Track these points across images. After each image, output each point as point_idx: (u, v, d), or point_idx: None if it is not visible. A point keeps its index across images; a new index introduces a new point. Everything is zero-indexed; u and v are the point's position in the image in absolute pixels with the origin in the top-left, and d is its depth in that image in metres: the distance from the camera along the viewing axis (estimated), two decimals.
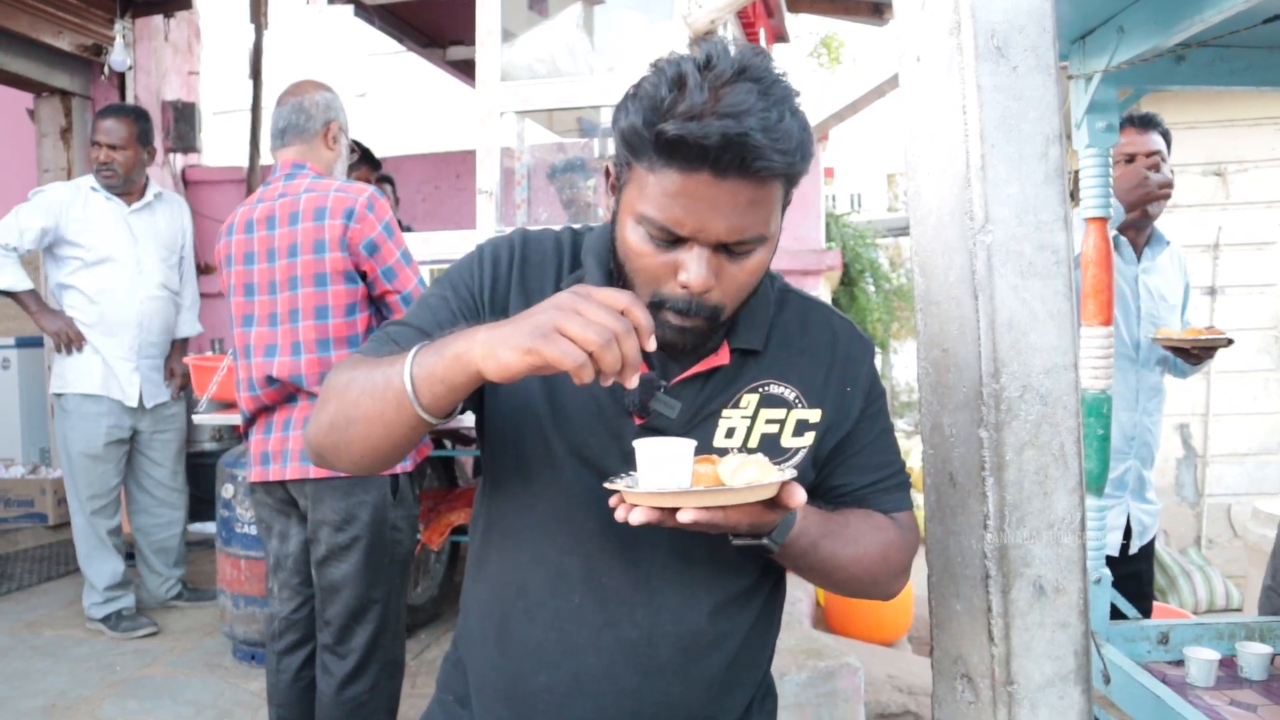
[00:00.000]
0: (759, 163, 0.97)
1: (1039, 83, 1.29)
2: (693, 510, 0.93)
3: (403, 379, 0.97)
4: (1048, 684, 1.32)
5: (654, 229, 1.02)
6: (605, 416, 1.12)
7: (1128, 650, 1.97)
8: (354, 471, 1.12)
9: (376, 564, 2.31)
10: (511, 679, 1.17)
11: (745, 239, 1.02)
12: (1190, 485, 5.57)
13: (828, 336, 1.23)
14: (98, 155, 3.64)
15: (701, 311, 1.05)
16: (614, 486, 0.99)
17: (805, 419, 1.16)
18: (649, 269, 1.04)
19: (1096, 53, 1.81)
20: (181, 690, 3.12)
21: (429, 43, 4.96)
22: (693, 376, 1.13)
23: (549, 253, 1.19)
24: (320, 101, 2.45)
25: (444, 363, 0.95)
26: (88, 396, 3.62)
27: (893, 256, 10.68)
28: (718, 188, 0.98)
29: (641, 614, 1.13)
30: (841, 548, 1.13)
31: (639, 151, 1.01)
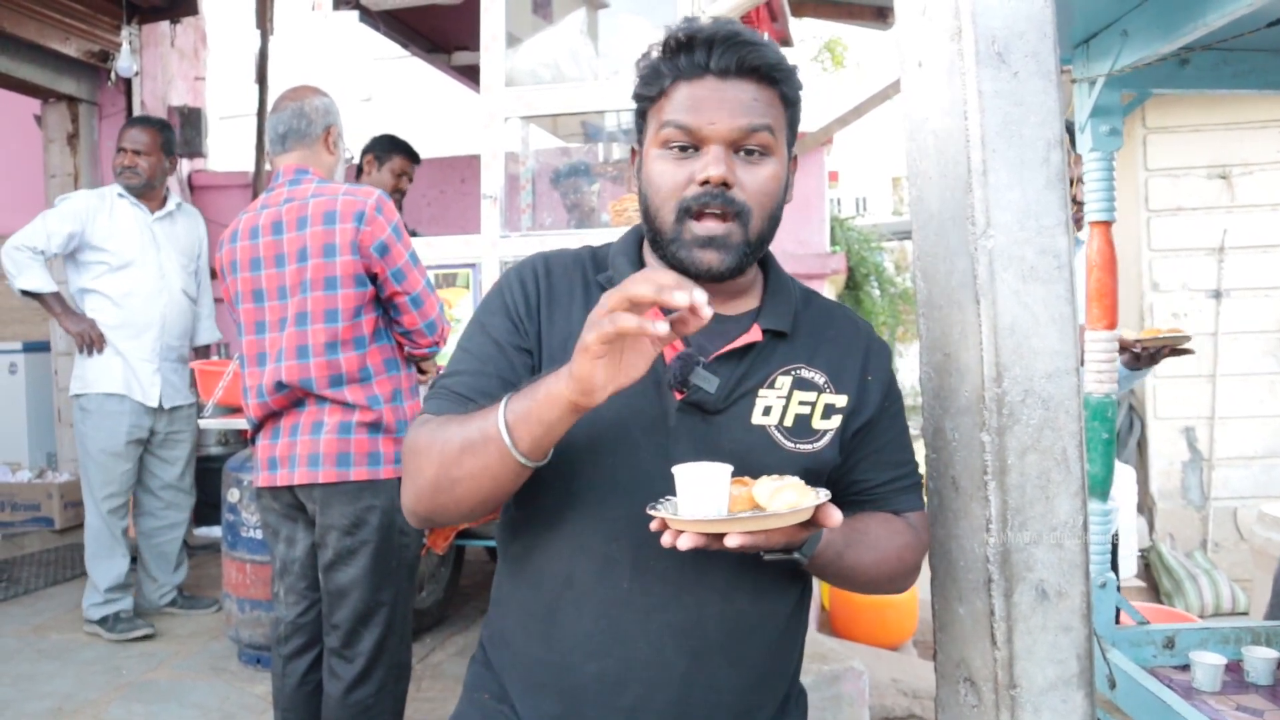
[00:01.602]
0: (752, 56, 1.13)
1: (1040, 88, 1.29)
2: (739, 536, 0.98)
3: (499, 431, 1.04)
4: (1050, 688, 1.32)
5: (671, 132, 1.14)
6: (648, 395, 1.16)
7: (1133, 654, 1.97)
8: (465, 521, 1.19)
9: (384, 568, 2.32)
10: (560, 671, 1.19)
11: (752, 129, 1.13)
12: (1196, 488, 5.56)
13: (851, 329, 1.31)
14: (122, 160, 3.76)
15: (730, 206, 1.14)
16: (657, 513, 1.03)
17: (833, 403, 1.23)
18: (672, 181, 1.15)
19: (1100, 57, 1.82)
20: (187, 694, 3.13)
21: (434, 48, 4.97)
22: (728, 353, 1.19)
23: (571, 264, 1.26)
24: (320, 106, 2.46)
25: (537, 405, 1.03)
26: (110, 396, 3.70)
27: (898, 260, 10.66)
28: (721, 87, 1.13)
29: (689, 596, 1.16)
30: (863, 555, 1.20)
31: (653, 86, 1.17)
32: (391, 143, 4.06)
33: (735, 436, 1.17)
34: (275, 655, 2.48)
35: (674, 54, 1.16)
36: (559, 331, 1.20)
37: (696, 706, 1.18)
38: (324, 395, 2.29)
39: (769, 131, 1.15)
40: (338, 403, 2.29)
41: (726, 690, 1.19)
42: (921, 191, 1.40)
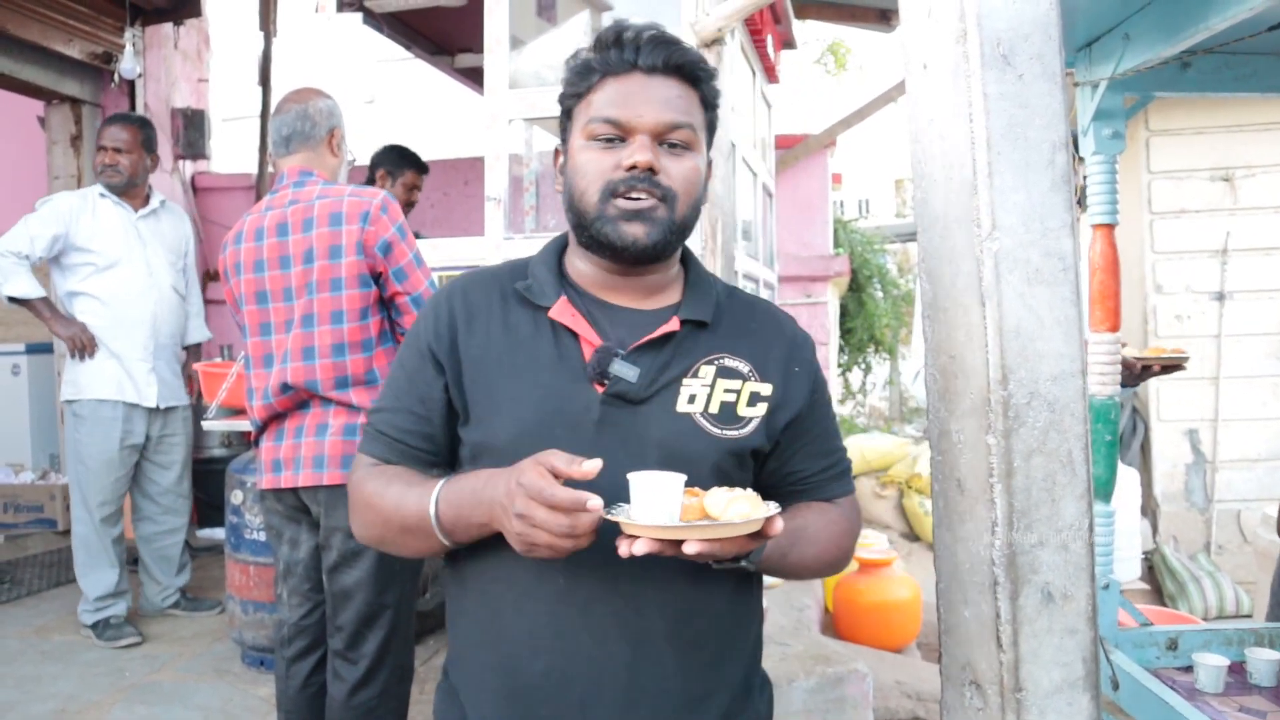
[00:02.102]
0: (676, 55, 1.21)
1: (1045, 90, 1.30)
2: (696, 543, 1.02)
3: (436, 531, 1.16)
4: (1056, 690, 1.32)
5: (598, 126, 1.20)
6: (569, 392, 1.20)
7: (1136, 656, 1.97)
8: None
9: (388, 570, 2.32)
10: (509, 674, 1.21)
11: (676, 124, 1.20)
12: (1199, 491, 5.56)
13: (773, 322, 1.33)
14: (103, 158, 3.69)
15: (656, 189, 1.19)
16: (612, 518, 1.05)
17: (758, 391, 1.25)
18: (599, 167, 1.20)
19: (1102, 60, 1.82)
20: (190, 695, 3.13)
21: (437, 50, 4.98)
22: (647, 344, 1.22)
23: (488, 280, 1.30)
24: (323, 108, 2.46)
25: (468, 514, 1.14)
26: (103, 402, 3.62)
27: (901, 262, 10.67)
28: (647, 83, 1.20)
29: (626, 586, 1.18)
30: (805, 550, 1.24)
31: (582, 82, 1.22)
32: (401, 156, 4.06)
33: (661, 425, 1.20)
34: (279, 657, 2.48)
35: (604, 51, 1.22)
36: (477, 343, 1.25)
37: (645, 694, 1.19)
38: (329, 397, 2.29)
39: (691, 129, 1.21)
40: (343, 405, 2.30)
41: (673, 675, 1.21)
42: (926, 194, 1.40)
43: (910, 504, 6.87)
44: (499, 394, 1.21)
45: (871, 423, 10.37)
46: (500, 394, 1.21)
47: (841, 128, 5.73)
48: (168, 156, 5.88)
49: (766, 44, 3.81)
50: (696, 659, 1.22)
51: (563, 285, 1.27)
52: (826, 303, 5.69)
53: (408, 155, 4.08)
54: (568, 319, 1.22)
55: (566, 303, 1.23)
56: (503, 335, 1.24)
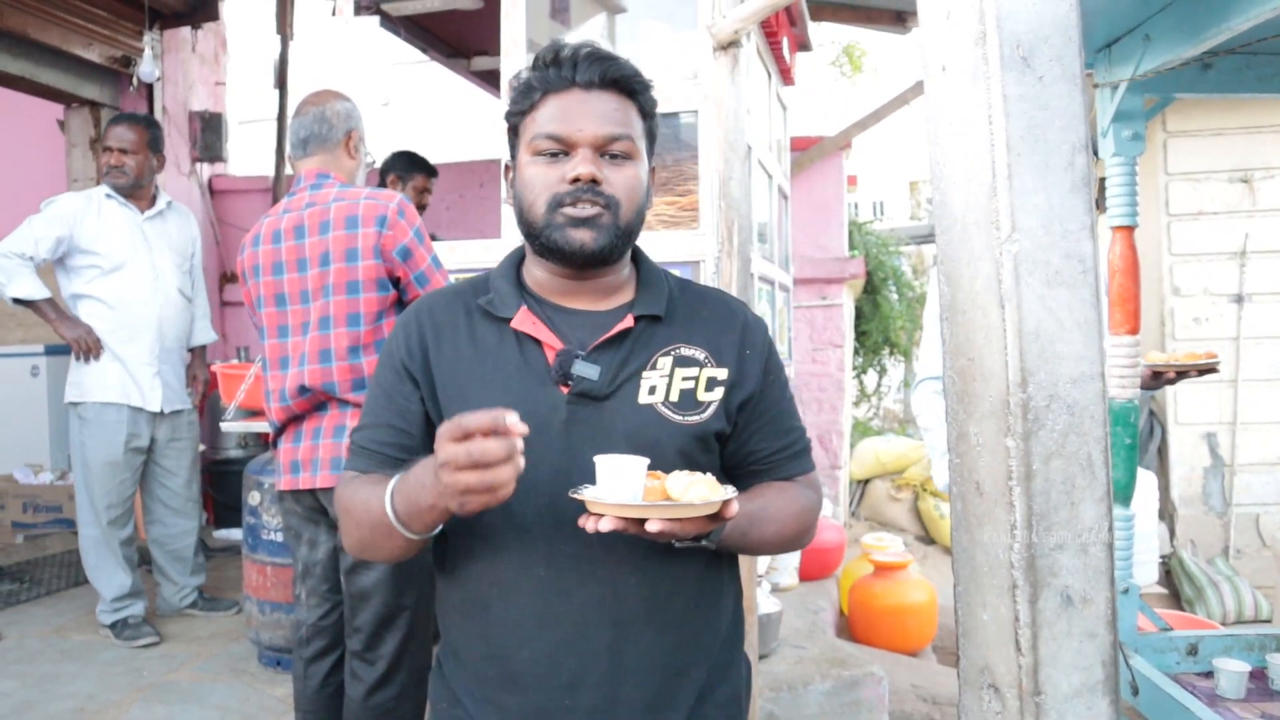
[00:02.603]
0: (612, 69, 1.27)
1: (1064, 92, 1.29)
2: (659, 521, 1.10)
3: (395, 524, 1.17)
4: (1075, 695, 1.31)
5: (542, 142, 1.26)
6: (537, 396, 1.27)
7: (1156, 661, 1.96)
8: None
9: (406, 571, 2.32)
10: (498, 662, 1.28)
11: (615, 136, 1.26)
12: (1218, 494, 5.52)
13: (725, 309, 1.40)
14: (108, 159, 3.67)
15: (599, 198, 1.25)
16: (579, 495, 1.13)
17: (714, 376, 1.32)
18: (544, 180, 1.26)
19: (1122, 61, 1.81)
20: (208, 695, 3.15)
21: (453, 53, 4.99)
22: (605, 343, 1.29)
23: (451, 297, 1.38)
24: (341, 111, 2.47)
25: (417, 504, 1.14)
26: (107, 405, 3.62)
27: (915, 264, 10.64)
28: (586, 98, 1.26)
29: (603, 571, 1.25)
30: (766, 529, 1.31)
31: (525, 100, 1.28)
32: (411, 161, 4.09)
33: (626, 417, 1.27)
34: (297, 658, 2.49)
35: (544, 69, 1.28)
36: (447, 358, 1.32)
37: (629, 671, 1.27)
38: (346, 399, 2.30)
39: (630, 140, 1.28)
40: (359, 406, 2.31)
41: (655, 652, 1.28)
42: (945, 196, 1.40)
43: (925, 507, 6.85)
44: (471, 403, 1.22)
45: (886, 425, 10.34)
46: (472, 403, 1.22)
47: (857, 130, 5.72)
48: (185, 159, 5.92)
49: (782, 46, 3.81)
50: (674, 636, 1.30)
51: (522, 295, 1.34)
52: (842, 305, 5.68)
53: (416, 160, 4.10)
54: (529, 327, 1.29)
55: (527, 311, 1.30)
56: (470, 348, 1.31)
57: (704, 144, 2.80)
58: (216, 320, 5.80)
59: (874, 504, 7.07)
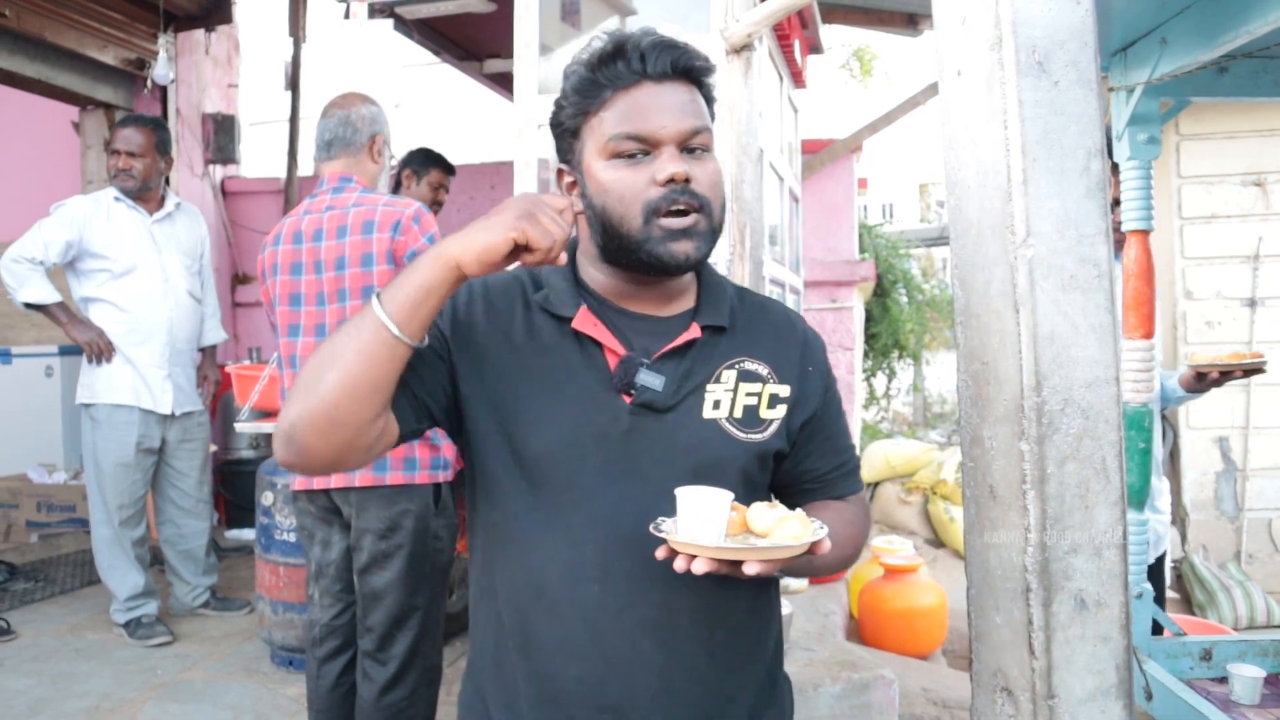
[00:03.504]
0: (683, 58, 1.19)
1: (1080, 97, 1.29)
2: (757, 564, 1.03)
3: (374, 310, 1.09)
4: (1089, 698, 1.31)
5: (624, 142, 1.17)
6: (597, 402, 1.20)
7: (1170, 666, 1.96)
8: (328, 452, 1.12)
9: (418, 572, 2.34)
10: (541, 680, 1.21)
11: (697, 130, 1.19)
12: (1230, 499, 5.49)
13: (786, 323, 1.34)
14: (116, 162, 3.67)
15: (694, 200, 1.17)
16: (662, 534, 1.07)
17: (777, 393, 1.26)
18: (630, 187, 1.17)
19: (1138, 65, 1.81)
20: (221, 695, 3.16)
21: (466, 56, 5.01)
22: (670, 352, 1.22)
23: (511, 284, 1.29)
24: (366, 115, 2.48)
25: (419, 273, 1.09)
26: (118, 406, 3.64)
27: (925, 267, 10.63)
28: (659, 91, 1.18)
29: (657, 593, 1.18)
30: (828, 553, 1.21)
31: (590, 99, 1.19)
32: (427, 156, 4.09)
33: (690, 431, 1.20)
34: (310, 657, 2.50)
35: (607, 65, 1.19)
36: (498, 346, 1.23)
37: (679, 695, 1.20)
38: None
39: (709, 131, 1.21)
40: None
41: (706, 677, 1.22)
42: (960, 200, 1.40)
43: (935, 510, 6.83)
44: (524, 401, 1.21)
45: (896, 428, 10.32)
46: (525, 400, 1.21)
47: (868, 133, 5.72)
48: (198, 161, 5.95)
49: (794, 49, 3.81)
50: (726, 658, 1.24)
51: (580, 294, 1.25)
52: (852, 308, 5.67)
53: (433, 155, 4.10)
54: (590, 329, 1.21)
55: (587, 312, 1.23)
56: (527, 341, 1.23)
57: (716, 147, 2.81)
58: (228, 321, 5.82)
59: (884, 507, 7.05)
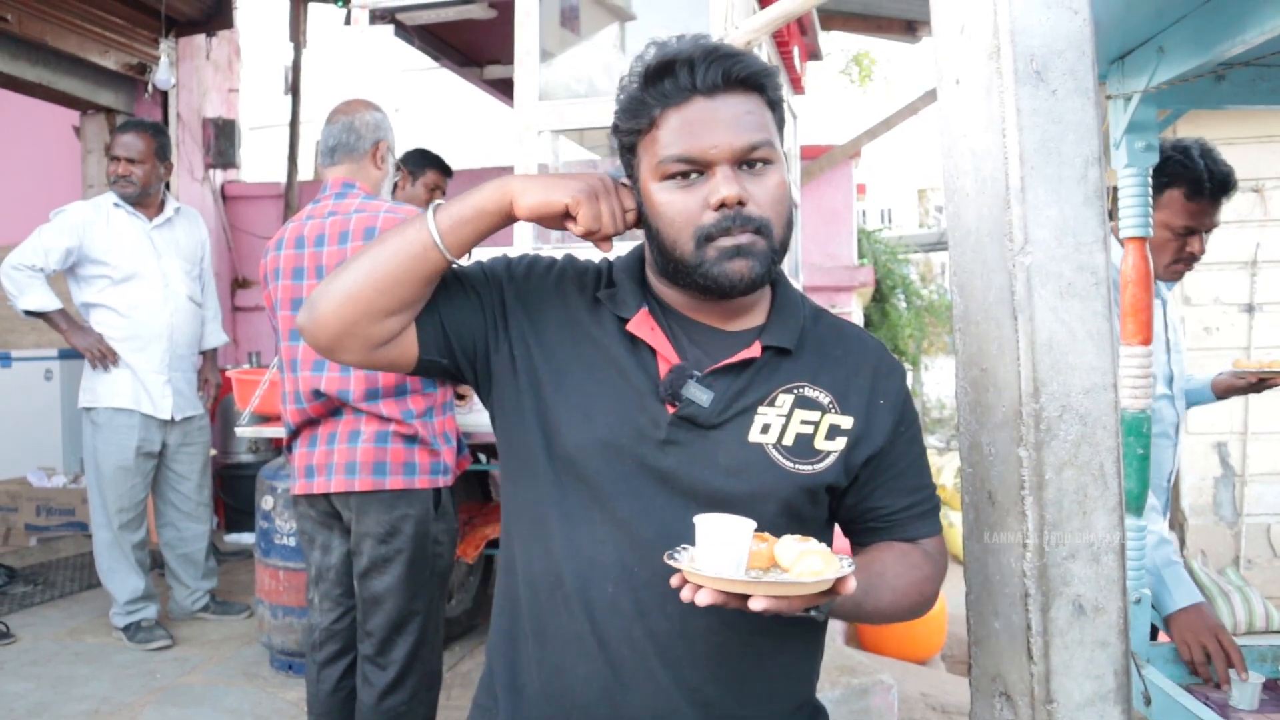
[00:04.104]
0: (736, 67, 1.12)
1: (1078, 106, 1.30)
2: (764, 599, 0.95)
3: (426, 214, 1.15)
4: (1087, 703, 1.32)
5: (674, 164, 1.13)
6: (640, 406, 1.17)
7: (1168, 671, 1.96)
8: (334, 324, 1.16)
9: (418, 576, 2.34)
10: (552, 672, 1.19)
11: (755, 145, 1.12)
12: (1228, 504, 5.50)
13: (860, 350, 1.26)
14: (115, 169, 3.67)
15: (748, 224, 1.12)
16: (676, 565, 1.01)
17: (838, 424, 1.19)
18: (684, 211, 1.13)
19: (1136, 73, 1.82)
20: (220, 699, 3.17)
21: (467, 61, 5.02)
22: (725, 368, 1.17)
23: (586, 269, 1.28)
24: (370, 121, 2.49)
25: (477, 194, 1.15)
26: (118, 410, 3.65)
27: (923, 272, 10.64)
28: (712, 106, 1.12)
29: (673, 606, 1.10)
30: (882, 597, 1.15)
31: (640, 119, 1.15)
32: (424, 157, 4.10)
33: (730, 453, 1.16)
34: (310, 661, 2.51)
35: (655, 81, 1.14)
36: (556, 321, 1.22)
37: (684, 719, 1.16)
38: (360, 407, 2.32)
39: (769, 145, 1.14)
40: (373, 414, 2.33)
41: (713, 705, 1.17)
42: (959, 208, 1.41)
43: None
44: (566, 385, 1.19)
45: None
46: (567, 385, 1.19)
47: (867, 138, 5.73)
48: (199, 165, 5.96)
49: (793, 55, 3.82)
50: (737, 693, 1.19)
51: (645, 296, 1.22)
52: (851, 313, 5.68)
53: (430, 156, 4.10)
54: (646, 333, 1.19)
55: (646, 315, 1.20)
56: (588, 328, 1.21)
57: None
58: (228, 325, 5.83)
59: None
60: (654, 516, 1.14)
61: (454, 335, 1.21)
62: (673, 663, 1.15)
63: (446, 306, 1.21)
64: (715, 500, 1.13)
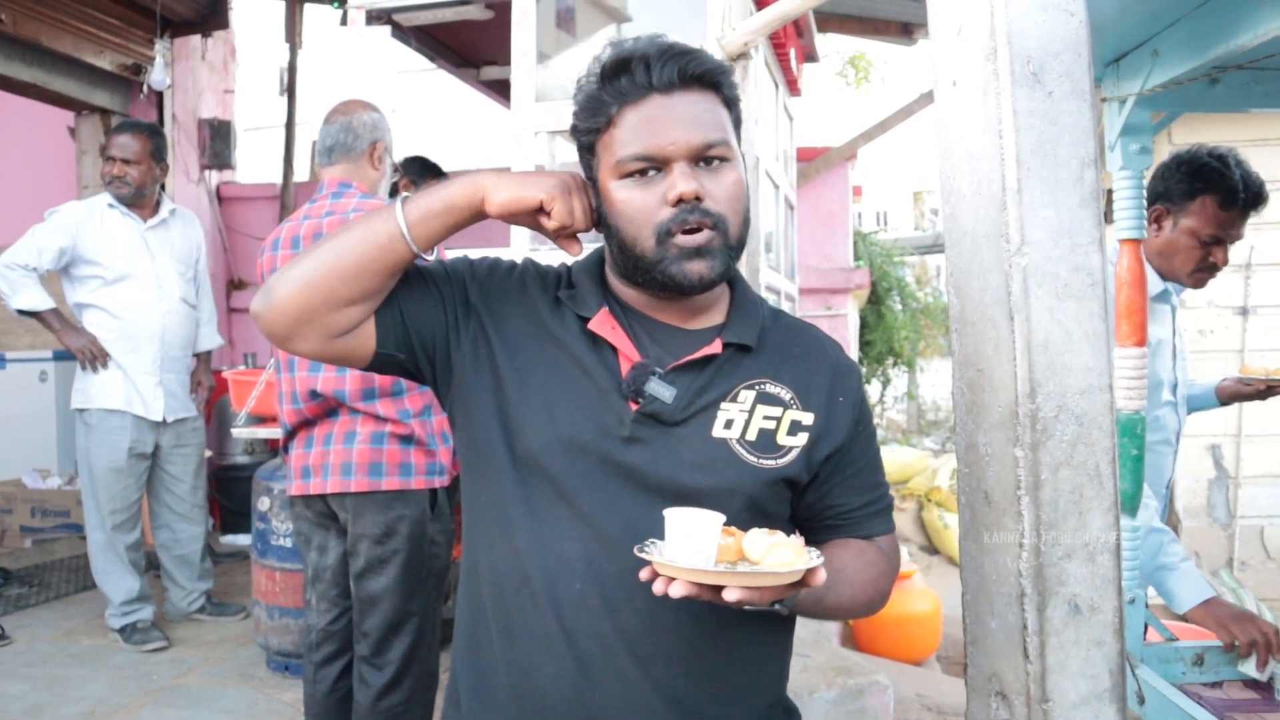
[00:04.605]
0: (691, 65, 1.14)
1: (1074, 108, 1.31)
2: (738, 590, 0.97)
3: (395, 206, 1.15)
4: (1083, 702, 1.33)
5: (632, 163, 1.14)
6: (603, 403, 1.18)
7: (1162, 671, 1.97)
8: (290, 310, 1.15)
9: (414, 577, 2.34)
10: (520, 672, 1.18)
11: (711, 142, 1.14)
12: (1222, 506, 5.52)
13: (818, 349, 1.29)
14: (110, 169, 3.66)
15: (706, 218, 1.14)
16: (646, 556, 1.02)
17: (799, 420, 1.21)
18: (642, 208, 1.15)
19: (1130, 76, 1.83)
20: (217, 700, 3.16)
21: (463, 63, 5.03)
22: (686, 365, 1.19)
23: (550, 275, 1.29)
24: (368, 121, 2.50)
25: (447, 188, 1.16)
26: (111, 412, 3.64)
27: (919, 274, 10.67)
28: (669, 103, 1.14)
29: (642, 601, 1.11)
30: (841, 592, 1.17)
31: (597, 117, 1.16)
32: (424, 166, 4.11)
33: (695, 448, 1.17)
34: (306, 662, 2.51)
35: (612, 79, 1.15)
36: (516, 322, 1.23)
37: (656, 716, 1.15)
38: (356, 407, 2.32)
39: (726, 143, 1.16)
40: (369, 415, 2.33)
41: (685, 702, 1.17)
42: (955, 209, 1.42)
43: (929, 516, 6.86)
44: (530, 384, 1.20)
45: (890, 435, 10.34)
46: (531, 384, 1.20)
47: (863, 140, 5.75)
48: (194, 166, 5.96)
49: (789, 57, 3.83)
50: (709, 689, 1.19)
51: (605, 296, 1.24)
52: (847, 315, 5.70)
53: (429, 165, 4.12)
54: (607, 332, 1.20)
55: (607, 315, 1.21)
56: (550, 328, 1.22)
57: None
58: (224, 326, 5.82)
59: None
60: (620, 512, 1.14)
61: (413, 330, 1.22)
62: (642, 659, 1.15)
63: (408, 301, 1.21)
64: (681, 495, 1.13)
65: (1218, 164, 2.18)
